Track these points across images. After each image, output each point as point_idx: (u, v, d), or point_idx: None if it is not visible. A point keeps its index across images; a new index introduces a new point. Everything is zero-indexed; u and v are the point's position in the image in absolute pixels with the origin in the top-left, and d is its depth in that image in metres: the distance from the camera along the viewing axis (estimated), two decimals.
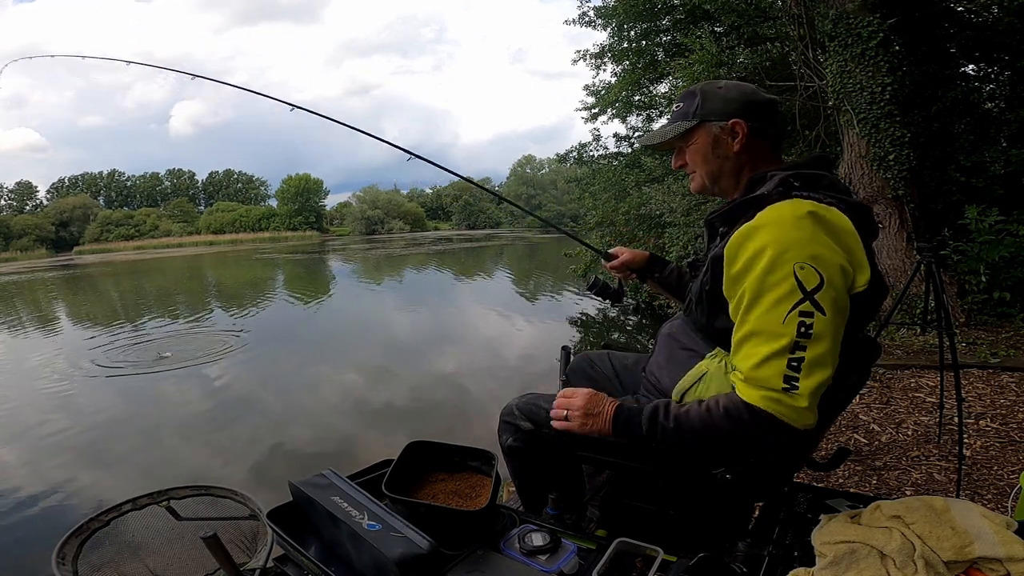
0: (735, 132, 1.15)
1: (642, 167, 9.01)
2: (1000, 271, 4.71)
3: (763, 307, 0.97)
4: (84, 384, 6.26)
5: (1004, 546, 0.87)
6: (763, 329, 0.97)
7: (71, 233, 57.35)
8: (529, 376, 5.82)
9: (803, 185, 1.06)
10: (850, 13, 4.97)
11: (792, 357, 0.94)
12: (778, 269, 0.96)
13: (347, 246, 37.52)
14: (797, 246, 0.96)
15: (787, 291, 0.95)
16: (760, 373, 0.97)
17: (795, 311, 0.94)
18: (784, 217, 0.99)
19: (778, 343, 0.95)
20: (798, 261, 0.95)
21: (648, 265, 1.61)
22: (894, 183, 5.03)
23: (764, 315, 0.97)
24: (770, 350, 0.95)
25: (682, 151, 1.23)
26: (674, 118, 1.23)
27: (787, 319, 0.95)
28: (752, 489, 1.24)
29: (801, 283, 0.94)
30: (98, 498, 3.50)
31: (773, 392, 0.95)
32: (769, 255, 0.96)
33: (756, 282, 0.98)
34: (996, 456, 2.58)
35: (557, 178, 58.31)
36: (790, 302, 0.95)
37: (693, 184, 1.26)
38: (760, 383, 0.97)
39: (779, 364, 0.95)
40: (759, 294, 0.97)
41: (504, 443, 1.41)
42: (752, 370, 0.98)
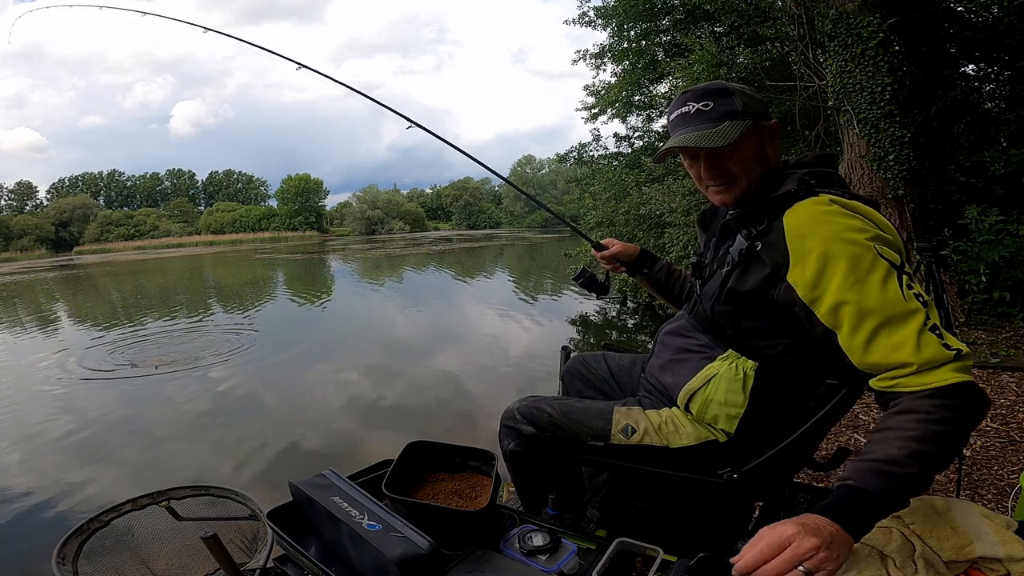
0: (775, 132, 1.13)
1: (642, 167, 9.01)
2: (1000, 271, 4.72)
3: (875, 292, 0.90)
4: (84, 385, 6.26)
5: (1004, 546, 0.87)
6: (894, 313, 0.89)
7: (71, 233, 57.40)
8: (529, 376, 5.82)
9: (819, 183, 1.05)
10: (850, 13, 4.97)
11: (931, 325, 0.88)
12: (865, 256, 0.91)
13: (347, 246, 37.53)
14: (861, 230, 0.94)
15: (886, 271, 0.91)
16: (926, 355, 0.86)
17: (903, 284, 0.90)
18: (826, 208, 0.97)
19: (916, 320, 0.88)
20: (873, 242, 0.92)
21: (638, 259, 1.60)
22: (894, 183, 5.04)
23: (884, 300, 0.89)
24: (915, 327, 0.87)
25: (722, 156, 1.11)
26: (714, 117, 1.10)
27: (906, 296, 0.90)
28: (752, 489, 1.24)
29: (889, 260, 0.92)
30: (97, 499, 3.50)
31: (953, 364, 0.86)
32: (846, 248, 0.92)
33: (847, 275, 0.91)
34: (996, 456, 2.58)
35: (557, 178, 58.39)
36: (894, 279, 0.90)
37: (731, 194, 1.14)
38: (936, 362, 0.86)
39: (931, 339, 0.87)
40: (864, 285, 0.90)
41: (505, 447, 1.40)
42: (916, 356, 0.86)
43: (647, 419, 1.25)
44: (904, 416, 0.85)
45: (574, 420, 1.31)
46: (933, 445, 0.82)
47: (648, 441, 1.23)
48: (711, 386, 1.15)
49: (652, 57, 9.00)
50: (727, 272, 1.13)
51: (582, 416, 1.31)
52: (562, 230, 40.26)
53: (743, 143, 1.09)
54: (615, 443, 1.26)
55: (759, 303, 1.07)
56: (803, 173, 1.06)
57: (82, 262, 36.50)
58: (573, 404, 1.35)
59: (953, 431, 0.84)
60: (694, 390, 1.18)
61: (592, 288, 1.70)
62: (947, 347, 0.86)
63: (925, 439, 0.82)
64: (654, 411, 1.26)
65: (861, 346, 0.91)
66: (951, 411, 0.83)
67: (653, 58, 8.98)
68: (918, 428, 0.83)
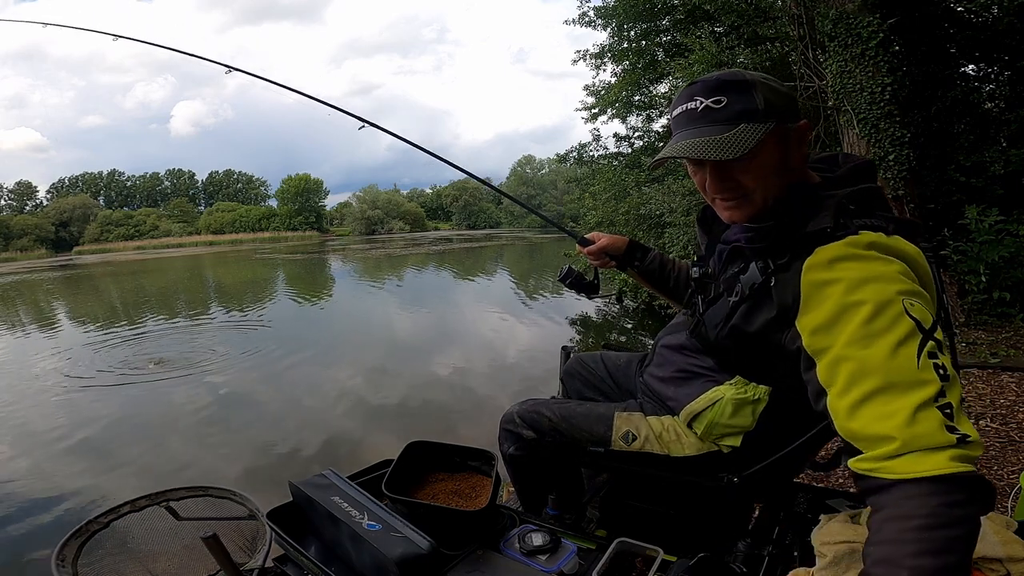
0: (803, 138, 0.92)
1: (642, 167, 9.01)
2: (1000, 271, 4.72)
3: (882, 355, 0.73)
4: (84, 387, 6.26)
5: (1004, 546, 0.87)
6: (898, 379, 0.72)
7: (71, 233, 57.41)
8: (529, 376, 5.82)
9: (859, 210, 0.87)
10: (850, 13, 4.97)
11: (939, 404, 0.71)
12: (887, 310, 0.75)
13: (347, 246, 37.53)
14: (896, 281, 0.78)
15: (907, 332, 0.74)
16: (918, 432, 0.69)
17: (923, 353, 0.73)
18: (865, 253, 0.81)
19: (924, 392, 0.71)
20: (905, 299, 0.76)
21: (628, 251, 1.47)
22: (894, 183, 5.04)
23: (892, 363, 0.73)
24: (917, 401, 0.70)
25: (732, 167, 0.91)
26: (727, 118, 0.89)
27: (921, 364, 0.72)
28: (752, 489, 1.24)
29: (918, 321, 0.75)
30: (96, 499, 3.50)
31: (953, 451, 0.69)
32: (870, 296, 0.76)
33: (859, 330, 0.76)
34: (996, 456, 2.58)
35: (557, 178, 58.43)
36: (914, 343, 0.73)
37: (740, 212, 0.95)
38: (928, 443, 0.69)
39: (934, 416, 0.70)
40: (869, 342, 0.75)
41: (505, 451, 1.39)
42: (904, 433, 0.69)
43: (648, 426, 1.23)
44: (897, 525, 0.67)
45: (574, 425, 1.29)
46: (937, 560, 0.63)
47: (649, 448, 1.21)
48: (716, 408, 1.12)
49: (652, 57, 9.01)
50: (735, 303, 1.00)
51: (583, 421, 1.29)
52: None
53: (761, 151, 0.88)
54: (615, 449, 1.24)
55: (765, 345, 0.95)
56: (841, 198, 0.87)
57: (82, 262, 36.49)
58: (574, 408, 1.34)
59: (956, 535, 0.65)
60: (697, 411, 1.15)
61: (580, 288, 1.57)
62: (951, 431, 0.69)
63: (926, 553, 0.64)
64: (655, 418, 1.25)
65: (847, 409, 0.75)
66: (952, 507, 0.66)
67: (653, 58, 8.98)
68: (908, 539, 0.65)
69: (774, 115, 0.89)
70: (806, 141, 0.93)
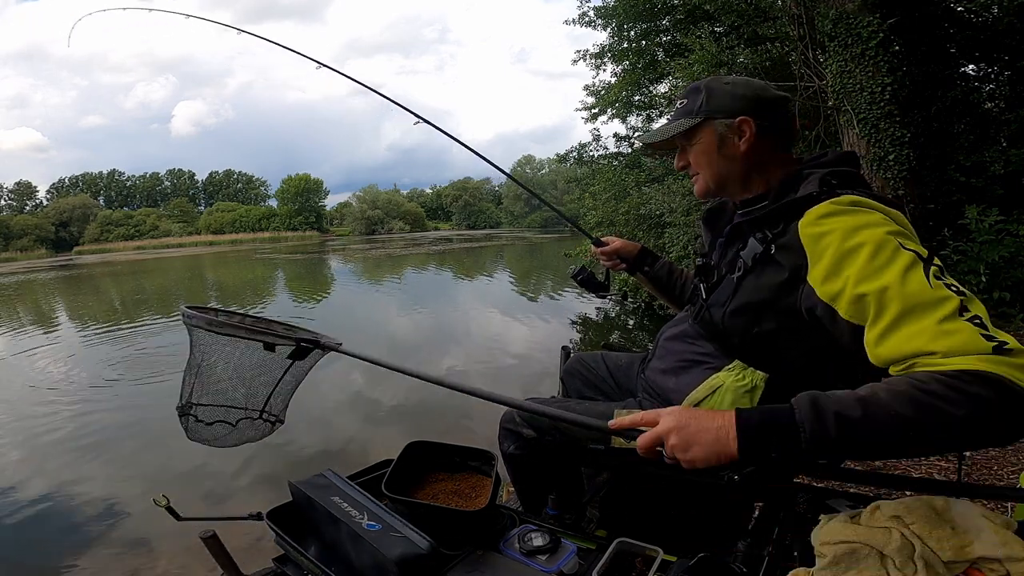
0: (742, 131, 1.08)
1: (642, 167, 9.03)
2: (1000, 271, 4.72)
3: (895, 281, 0.78)
4: (86, 385, 6.27)
5: (1004, 546, 0.87)
6: (917, 302, 0.76)
7: (71, 233, 57.40)
8: (529, 376, 5.82)
9: (841, 183, 0.98)
10: (850, 13, 4.98)
11: (968, 317, 0.74)
12: (885, 247, 0.82)
13: (347, 246, 37.52)
14: (881, 224, 0.86)
15: (909, 261, 0.80)
16: (953, 342, 0.72)
17: (930, 275, 0.78)
18: (844, 206, 0.90)
19: (945, 307, 0.75)
20: (895, 236, 0.83)
21: (639, 257, 1.58)
22: (894, 183, 5.04)
23: (905, 289, 0.77)
24: (941, 315, 0.74)
25: (685, 151, 1.15)
26: (677, 115, 1.15)
27: (932, 283, 0.77)
28: (752, 489, 1.24)
29: (915, 251, 0.81)
30: (95, 498, 3.51)
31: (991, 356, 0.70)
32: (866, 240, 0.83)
33: (873, 267, 0.81)
34: (996, 456, 2.59)
35: (557, 178, 58.37)
36: (918, 268, 0.79)
37: (697, 187, 1.18)
38: (965, 350, 0.71)
39: (964, 327, 0.73)
40: (881, 274, 0.80)
41: (505, 450, 1.39)
42: (938, 344, 0.72)
43: None
44: (899, 376, 0.75)
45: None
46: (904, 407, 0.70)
47: None
48: (716, 397, 1.12)
49: (652, 57, 9.02)
50: (739, 278, 1.07)
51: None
52: (562, 230, 40.27)
53: (699, 138, 1.12)
54: (616, 447, 1.25)
55: (777, 309, 1.00)
56: (825, 173, 1.00)
57: (82, 262, 36.49)
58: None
59: (945, 410, 0.68)
60: (698, 400, 1.15)
61: (591, 287, 1.69)
62: (988, 338, 0.71)
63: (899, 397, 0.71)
64: None
65: (875, 339, 0.79)
66: (956, 391, 0.68)
67: (653, 58, 8.99)
68: (899, 385, 0.72)
69: (705, 112, 1.09)
70: (749, 134, 1.08)
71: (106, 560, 2.85)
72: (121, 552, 2.90)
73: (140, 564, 2.77)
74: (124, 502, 3.43)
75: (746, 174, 1.12)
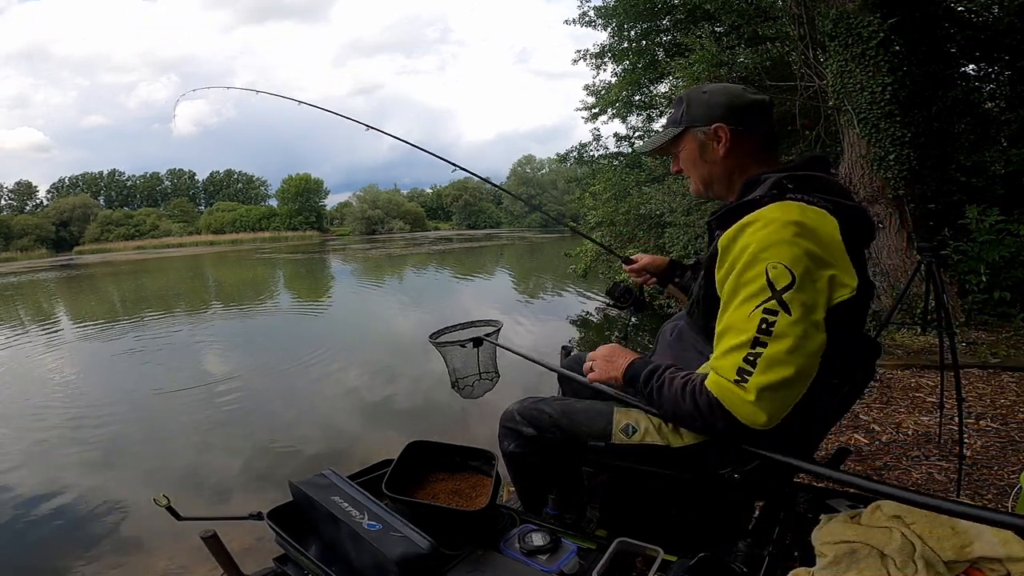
0: (718, 137, 1.16)
1: (642, 167, 9.02)
2: (1000, 271, 4.71)
3: (735, 303, 0.99)
4: (86, 385, 6.27)
5: (1004, 546, 0.87)
6: (733, 324, 0.99)
7: (71, 233, 57.36)
8: (529, 376, 5.81)
9: (796, 187, 1.05)
10: (850, 13, 4.97)
11: (750, 352, 0.96)
12: (753, 267, 0.97)
13: (347, 246, 37.52)
14: (775, 246, 0.97)
15: (757, 288, 0.96)
16: (721, 363, 0.99)
17: (759, 308, 0.96)
18: (770, 219, 1.00)
19: (740, 338, 0.97)
20: (771, 261, 0.96)
21: (668, 269, 1.63)
22: (894, 183, 5.03)
23: (735, 311, 0.99)
24: (733, 343, 0.98)
25: (676, 157, 1.26)
26: (666, 125, 1.27)
27: (751, 315, 0.96)
28: (752, 489, 1.24)
29: (771, 281, 0.95)
30: (95, 498, 3.51)
31: (725, 381, 0.98)
32: (748, 253, 0.98)
33: (734, 279, 1.00)
34: (996, 456, 2.58)
35: (557, 178, 58.32)
36: (757, 300, 0.96)
37: (691, 188, 1.28)
38: (718, 372, 1.00)
39: (736, 357, 0.97)
40: (735, 291, 1.00)
41: (505, 449, 1.39)
42: (716, 360, 1.01)
43: (648, 419, 1.25)
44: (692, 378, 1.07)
45: (575, 421, 1.30)
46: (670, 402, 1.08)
47: (649, 440, 1.23)
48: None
49: (652, 57, 9.00)
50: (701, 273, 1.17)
51: (583, 417, 1.30)
52: (562, 230, 40.24)
53: (683, 146, 1.22)
54: (616, 443, 1.25)
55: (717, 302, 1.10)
56: (781, 177, 1.07)
57: (82, 262, 36.48)
58: (574, 404, 1.35)
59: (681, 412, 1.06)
60: None
61: (627, 302, 1.73)
62: (739, 372, 0.96)
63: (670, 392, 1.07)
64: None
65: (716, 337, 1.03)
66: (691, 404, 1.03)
67: (653, 58, 8.98)
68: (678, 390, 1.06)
69: (686, 122, 1.20)
70: (725, 139, 1.16)
71: (106, 560, 2.85)
72: (121, 552, 2.90)
73: (140, 564, 2.77)
74: (124, 502, 3.43)
75: (729, 176, 1.19)
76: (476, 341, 1.63)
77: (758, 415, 0.96)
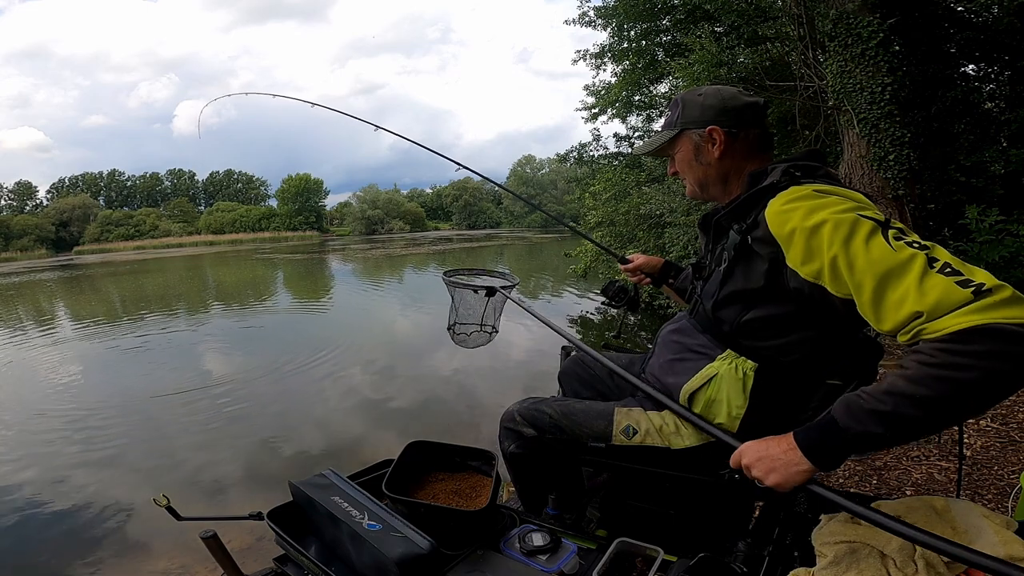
0: (713, 139, 1.17)
1: (642, 167, 9.01)
2: (1000, 271, 4.70)
3: (861, 254, 0.85)
4: (86, 385, 6.27)
5: (1004, 546, 0.87)
6: (886, 268, 0.82)
7: (71, 233, 57.34)
8: (529, 376, 5.82)
9: (803, 174, 1.06)
10: (850, 13, 4.97)
11: (941, 267, 0.79)
12: (844, 222, 0.88)
13: (347, 246, 37.51)
14: (838, 203, 0.93)
15: (869, 229, 0.86)
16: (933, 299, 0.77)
17: (889, 238, 0.84)
18: (805, 193, 0.97)
19: (914, 267, 0.80)
20: (852, 209, 0.90)
21: (663, 270, 1.66)
22: (894, 183, 5.03)
23: (871, 259, 0.83)
24: (915, 274, 0.79)
25: (672, 159, 1.26)
26: (662, 127, 1.27)
27: (895, 246, 0.83)
28: (752, 489, 1.24)
29: (873, 219, 0.87)
30: (95, 498, 3.52)
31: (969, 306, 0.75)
32: (827, 219, 0.89)
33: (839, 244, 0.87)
34: (996, 456, 2.58)
35: (557, 178, 58.37)
36: (878, 234, 0.85)
37: (687, 190, 1.29)
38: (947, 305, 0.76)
39: (939, 281, 0.78)
40: (848, 249, 0.86)
41: (506, 449, 1.40)
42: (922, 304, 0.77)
43: (648, 420, 1.25)
44: (910, 357, 0.80)
45: (575, 421, 1.30)
46: (922, 387, 0.77)
47: (650, 442, 1.23)
48: (712, 386, 1.14)
49: (652, 57, 9.00)
50: (724, 269, 1.13)
51: (583, 417, 1.31)
52: (562, 230, 40.25)
53: (679, 148, 1.23)
54: (616, 444, 1.25)
55: (766, 296, 1.06)
56: (788, 165, 1.08)
57: (82, 262, 36.49)
58: (574, 405, 1.35)
59: (957, 377, 0.74)
60: (694, 389, 1.17)
61: (622, 301, 1.75)
62: (964, 284, 0.76)
63: (914, 380, 0.78)
64: (655, 412, 1.26)
65: (871, 312, 0.85)
66: (958, 356, 0.74)
67: (653, 58, 8.98)
68: (911, 368, 0.79)
69: (681, 124, 1.20)
70: (719, 141, 1.16)
71: (106, 560, 2.85)
72: (121, 552, 2.90)
73: (140, 564, 2.77)
74: (124, 502, 3.43)
75: (724, 177, 1.20)
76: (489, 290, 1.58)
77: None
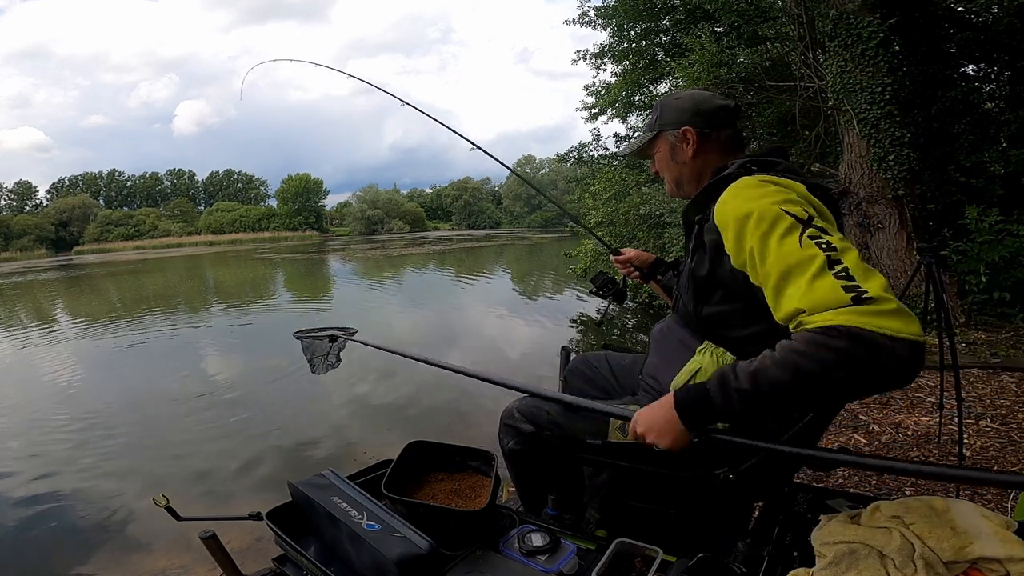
0: (687, 138, 1.24)
1: (642, 167, 9.00)
2: (1000, 271, 4.71)
3: (774, 249, 0.91)
4: (86, 385, 6.27)
5: (1004, 546, 0.87)
6: (790, 262, 0.88)
7: (71, 233, 57.32)
8: (529, 376, 5.81)
9: (760, 168, 1.10)
10: (850, 13, 4.97)
11: (837, 270, 0.84)
12: (767, 216, 0.94)
13: (347, 246, 37.50)
14: (772, 196, 0.98)
15: (788, 225, 0.91)
16: (815, 297, 0.83)
17: (804, 237, 0.90)
18: (750, 183, 1.03)
19: (812, 265, 0.86)
20: (780, 204, 0.95)
21: (652, 266, 1.69)
22: (894, 183, 5.04)
23: (780, 254, 0.90)
24: (810, 272, 0.85)
25: (653, 160, 1.33)
26: (643, 129, 1.35)
27: (803, 244, 0.89)
28: (752, 489, 1.23)
29: (795, 215, 0.93)
30: (95, 498, 3.51)
31: (842, 309, 0.80)
32: (754, 210, 0.96)
33: (757, 237, 0.94)
34: (996, 456, 2.58)
35: (557, 178, 58.28)
36: (796, 232, 0.91)
37: (666, 189, 1.34)
38: (822, 306, 0.82)
39: (827, 282, 0.83)
40: (765, 239, 0.93)
41: (505, 446, 1.40)
42: (803, 299, 0.85)
43: None
44: (784, 346, 0.86)
45: (572, 418, 1.31)
46: (781, 373, 0.84)
47: None
48: (698, 379, 1.15)
49: (652, 57, 9.01)
50: (690, 261, 1.18)
51: (580, 414, 1.31)
52: (562, 230, 40.28)
53: (657, 148, 1.30)
54: (612, 441, 1.26)
55: (716, 285, 1.11)
56: (745, 160, 1.13)
57: (82, 262, 36.48)
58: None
59: (812, 369, 0.81)
60: (681, 383, 1.18)
61: (608, 291, 1.78)
62: (849, 289, 0.81)
63: (776, 365, 0.85)
64: None
65: (772, 302, 0.92)
66: (819, 348, 0.80)
67: (653, 58, 8.98)
68: (778, 351, 0.86)
69: (659, 126, 1.28)
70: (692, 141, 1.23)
71: (106, 560, 2.85)
72: (121, 552, 2.90)
73: (140, 564, 2.77)
74: (124, 502, 3.43)
75: (699, 175, 1.25)
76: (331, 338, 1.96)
77: (913, 324, 0.79)
